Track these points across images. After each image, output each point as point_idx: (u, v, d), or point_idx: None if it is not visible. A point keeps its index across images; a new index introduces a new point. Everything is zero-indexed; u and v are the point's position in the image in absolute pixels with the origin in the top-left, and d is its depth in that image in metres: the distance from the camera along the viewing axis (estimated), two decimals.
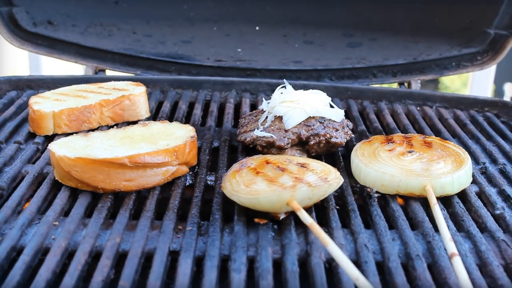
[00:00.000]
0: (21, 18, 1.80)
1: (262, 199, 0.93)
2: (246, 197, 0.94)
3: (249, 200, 0.94)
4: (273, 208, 0.95)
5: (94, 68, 1.84)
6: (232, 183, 0.99)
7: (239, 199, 0.96)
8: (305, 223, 0.90)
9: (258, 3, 1.88)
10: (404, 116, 1.56)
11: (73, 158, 1.03)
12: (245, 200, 0.95)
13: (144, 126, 1.22)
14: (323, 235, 0.86)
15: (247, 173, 1.01)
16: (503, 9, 1.77)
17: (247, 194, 0.95)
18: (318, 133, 1.17)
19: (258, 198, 0.93)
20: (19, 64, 3.66)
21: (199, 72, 1.86)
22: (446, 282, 0.85)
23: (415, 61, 1.86)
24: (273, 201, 0.93)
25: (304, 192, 0.93)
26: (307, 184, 0.94)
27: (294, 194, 0.92)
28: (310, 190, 0.94)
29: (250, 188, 0.95)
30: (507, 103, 1.63)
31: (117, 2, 1.86)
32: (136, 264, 0.85)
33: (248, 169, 1.02)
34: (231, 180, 1.00)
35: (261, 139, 1.18)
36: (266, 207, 0.94)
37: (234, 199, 0.98)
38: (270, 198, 0.92)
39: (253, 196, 0.93)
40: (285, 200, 0.92)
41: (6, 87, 1.62)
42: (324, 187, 0.96)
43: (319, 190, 0.95)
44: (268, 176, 0.98)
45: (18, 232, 0.92)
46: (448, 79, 4.20)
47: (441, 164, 1.11)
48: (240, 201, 0.97)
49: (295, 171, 1.00)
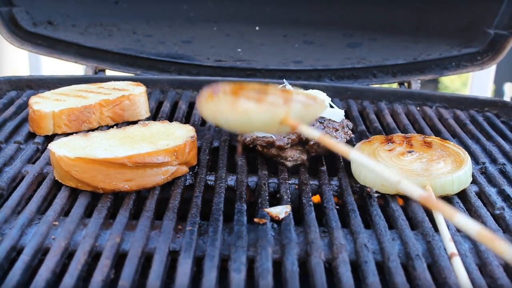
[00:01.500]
0: (21, 18, 1.80)
1: (254, 117, 0.84)
2: (235, 117, 0.85)
3: (239, 119, 0.85)
4: (264, 128, 0.88)
5: (94, 68, 1.84)
6: (211, 106, 0.87)
7: (227, 120, 0.86)
8: (313, 137, 0.86)
9: (258, 3, 1.88)
10: (404, 116, 1.56)
11: (73, 158, 1.03)
12: (234, 120, 0.85)
13: (144, 126, 1.22)
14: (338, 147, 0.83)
15: (224, 96, 0.87)
16: (503, 9, 1.77)
17: (235, 113, 0.84)
18: None
19: (249, 116, 0.84)
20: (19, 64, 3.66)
21: (199, 72, 1.86)
22: (446, 282, 0.85)
23: (415, 61, 1.86)
24: (266, 119, 0.84)
25: (298, 110, 0.85)
26: (300, 102, 0.86)
27: (288, 111, 0.84)
28: (304, 108, 0.86)
29: (235, 107, 0.85)
30: (507, 103, 1.63)
31: (117, 2, 1.86)
32: (136, 264, 0.85)
33: (224, 92, 0.88)
34: (208, 104, 0.88)
35: (261, 139, 1.18)
36: (257, 127, 0.88)
37: (220, 121, 0.88)
38: (263, 116, 0.84)
39: (243, 114, 0.84)
40: (279, 118, 0.84)
41: (6, 87, 1.62)
42: (315, 106, 0.89)
43: (310, 109, 0.88)
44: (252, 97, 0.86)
45: (18, 232, 0.92)
46: (448, 79, 4.21)
47: (441, 164, 1.11)
48: (227, 123, 0.88)
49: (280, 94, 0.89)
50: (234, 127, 0.89)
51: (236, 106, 0.85)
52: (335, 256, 0.89)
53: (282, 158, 1.19)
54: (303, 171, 1.18)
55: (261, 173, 1.17)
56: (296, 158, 1.19)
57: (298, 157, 1.19)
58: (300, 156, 1.20)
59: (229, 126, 0.89)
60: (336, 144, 0.84)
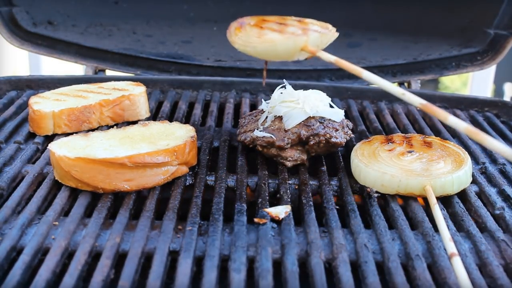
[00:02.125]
0: (21, 18, 1.80)
1: (279, 45, 1.00)
2: (263, 46, 1.01)
3: (266, 48, 1.01)
4: (287, 55, 1.02)
5: (94, 68, 1.84)
6: (241, 37, 1.04)
7: (255, 49, 1.02)
8: (330, 60, 0.99)
9: (258, 3, 1.88)
10: (404, 116, 1.56)
11: (73, 158, 1.03)
12: (262, 49, 1.01)
13: (144, 126, 1.22)
14: (352, 67, 0.96)
15: (250, 29, 1.05)
16: (503, 9, 1.77)
17: (262, 43, 1.01)
18: (318, 133, 1.17)
19: (275, 45, 1.00)
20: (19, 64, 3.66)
21: (199, 72, 1.86)
22: (445, 282, 0.85)
23: (415, 61, 1.86)
24: (289, 46, 1.00)
25: (315, 38, 1.01)
26: (316, 31, 1.02)
27: (307, 39, 1.00)
28: (319, 36, 1.02)
29: (263, 38, 1.02)
30: (507, 103, 1.63)
31: (117, 2, 1.86)
32: (136, 264, 0.86)
33: (249, 25, 1.06)
34: (237, 35, 1.05)
35: (261, 139, 1.19)
36: (281, 54, 1.02)
37: (248, 50, 1.03)
38: (286, 44, 1.00)
39: (270, 44, 1.01)
40: (300, 45, 1.00)
41: (6, 87, 1.63)
42: (329, 35, 1.05)
43: (325, 37, 1.04)
44: (274, 29, 1.03)
45: (18, 232, 0.92)
46: (448, 79, 4.21)
47: (441, 164, 1.11)
48: (256, 51, 1.03)
49: (297, 24, 1.06)
50: (261, 54, 1.04)
51: (263, 37, 1.02)
52: (335, 256, 0.89)
53: (282, 158, 1.19)
54: (303, 171, 1.18)
55: (261, 173, 1.17)
56: (296, 158, 1.19)
57: (298, 157, 1.19)
58: (300, 156, 1.20)
59: (257, 53, 1.04)
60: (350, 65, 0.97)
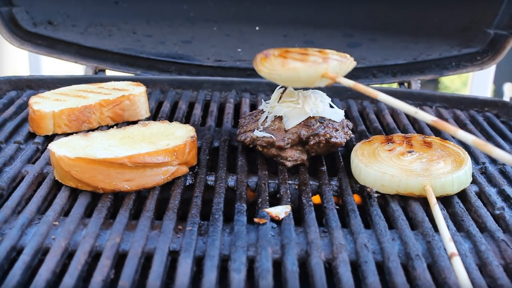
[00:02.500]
0: (21, 18, 1.80)
1: (302, 72, 1.08)
2: (286, 73, 1.09)
3: (290, 75, 1.09)
4: (309, 81, 1.10)
5: (94, 68, 1.84)
6: (266, 66, 1.14)
7: (280, 77, 1.11)
8: (349, 85, 1.06)
9: (258, 3, 1.88)
10: (404, 116, 1.56)
11: (73, 158, 1.03)
12: (286, 76, 1.10)
13: (144, 126, 1.22)
14: (370, 91, 1.02)
15: (275, 59, 1.15)
16: (503, 9, 1.77)
17: (286, 71, 1.10)
18: (318, 133, 1.17)
19: (298, 72, 1.08)
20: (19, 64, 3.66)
21: (199, 72, 1.86)
22: (445, 282, 0.85)
23: (415, 61, 1.86)
24: (311, 73, 1.08)
25: (334, 66, 1.09)
26: (335, 60, 1.11)
27: (328, 67, 1.08)
28: (339, 64, 1.10)
29: (286, 67, 1.10)
30: (507, 103, 1.63)
31: (117, 2, 1.86)
32: (136, 264, 0.86)
33: (274, 56, 1.16)
34: (263, 65, 1.14)
35: (261, 139, 1.19)
36: (304, 80, 1.10)
37: (274, 77, 1.12)
38: (308, 71, 1.08)
39: (293, 71, 1.09)
40: (321, 72, 1.08)
41: (6, 87, 1.62)
42: (347, 63, 1.12)
43: (344, 65, 1.11)
44: (297, 58, 1.13)
45: (18, 232, 0.92)
46: (448, 79, 4.20)
47: (441, 164, 1.11)
48: (281, 78, 1.11)
49: (318, 54, 1.14)
50: (286, 81, 1.13)
51: (287, 65, 1.11)
52: (335, 256, 0.89)
53: (282, 158, 1.19)
54: (303, 171, 1.18)
55: (261, 173, 1.17)
56: (296, 158, 1.19)
57: (298, 157, 1.19)
58: (300, 156, 1.20)
59: (282, 80, 1.13)
60: (368, 89, 1.03)
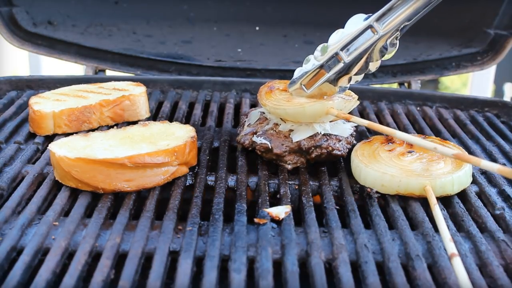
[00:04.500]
0: (21, 18, 1.80)
1: (308, 108, 1.11)
2: (292, 108, 1.12)
3: (295, 111, 1.12)
4: (314, 117, 1.12)
5: (94, 68, 1.84)
6: (271, 101, 1.16)
7: (285, 111, 1.13)
8: (363, 124, 1.10)
9: (258, 3, 1.88)
10: (404, 116, 1.56)
11: (73, 158, 1.03)
12: (292, 111, 1.12)
13: (144, 126, 1.22)
14: (386, 129, 1.06)
15: (279, 93, 1.18)
16: (503, 9, 1.77)
17: (291, 106, 1.12)
18: (320, 145, 1.16)
19: (304, 108, 1.11)
20: (19, 64, 3.66)
21: (199, 72, 1.86)
22: (446, 282, 0.85)
23: (415, 61, 1.86)
24: (317, 109, 1.11)
25: (339, 103, 1.12)
26: (340, 97, 1.15)
27: (333, 103, 1.11)
28: (343, 102, 1.13)
29: (292, 102, 1.13)
30: (507, 103, 1.63)
31: (117, 2, 1.86)
32: (136, 264, 0.85)
33: (278, 90, 1.19)
34: (268, 99, 1.17)
35: (259, 144, 1.18)
36: (308, 116, 1.12)
37: (279, 112, 1.15)
38: (314, 106, 1.11)
39: (299, 107, 1.11)
40: (326, 108, 1.11)
41: (6, 87, 1.62)
42: (352, 101, 1.16)
43: (348, 103, 1.15)
44: None
45: (18, 232, 0.92)
46: (448, 79, 4.20)
47: (441, 164, 1.11)
48: (286, 113, 1.13)
49: None
50: (291, 116, 1.14)
51: (293, 101, 1.14)
52: (335, 256, 0.89)
53: (282, 161, 1.19)
54: (303, 171, 1.18)
55: (261, 173, 1.16)
56: (296, 161, 1.19)
57: (297, 160, 1.19)
58: (300, 159, 1.19)
59: (287, 115, 1.14)
60: (384, 128, 1.08)
